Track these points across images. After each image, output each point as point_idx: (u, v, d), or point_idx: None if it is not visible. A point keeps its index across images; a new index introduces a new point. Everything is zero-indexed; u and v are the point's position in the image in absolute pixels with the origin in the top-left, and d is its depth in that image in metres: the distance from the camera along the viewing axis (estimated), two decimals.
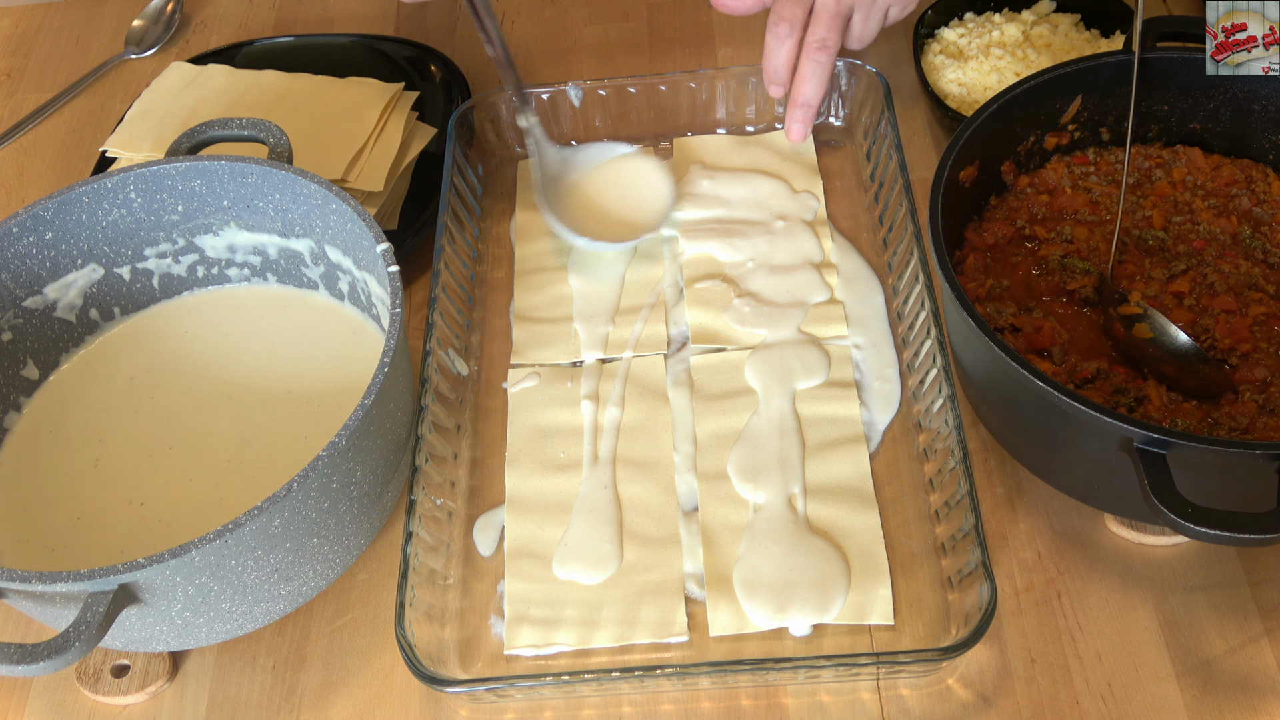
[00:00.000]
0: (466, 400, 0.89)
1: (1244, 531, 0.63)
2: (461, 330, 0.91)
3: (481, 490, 0.85)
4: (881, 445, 0.84)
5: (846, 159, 1.02)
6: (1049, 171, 0.89)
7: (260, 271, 0.91)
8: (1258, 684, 0.73)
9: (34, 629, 0.82)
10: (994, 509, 0.81)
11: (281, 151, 0.85)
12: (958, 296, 0.73)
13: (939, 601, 0.77)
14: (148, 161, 0.85)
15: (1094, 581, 0.78)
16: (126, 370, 0.88)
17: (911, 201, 0.89)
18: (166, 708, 0.78)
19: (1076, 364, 0.78)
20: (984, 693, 0.74)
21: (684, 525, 0.81)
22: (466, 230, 0.97)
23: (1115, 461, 0.68)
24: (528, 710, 0.75)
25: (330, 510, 0.71)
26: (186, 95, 1.04)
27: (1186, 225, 0.85)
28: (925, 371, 0.83)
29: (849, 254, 0.94)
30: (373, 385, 0.71)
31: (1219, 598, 0.76)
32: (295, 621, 0.80)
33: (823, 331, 0.89)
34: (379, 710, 0.76)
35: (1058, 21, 1.04)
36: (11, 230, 0.82)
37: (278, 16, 1.24)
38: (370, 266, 0.83)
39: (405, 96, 1.03)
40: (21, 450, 0.84)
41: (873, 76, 0.99)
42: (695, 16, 1.17)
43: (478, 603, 0.80)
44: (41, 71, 1.22)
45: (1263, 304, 0.79)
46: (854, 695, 0.74)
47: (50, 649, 0.64)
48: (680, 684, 0.74)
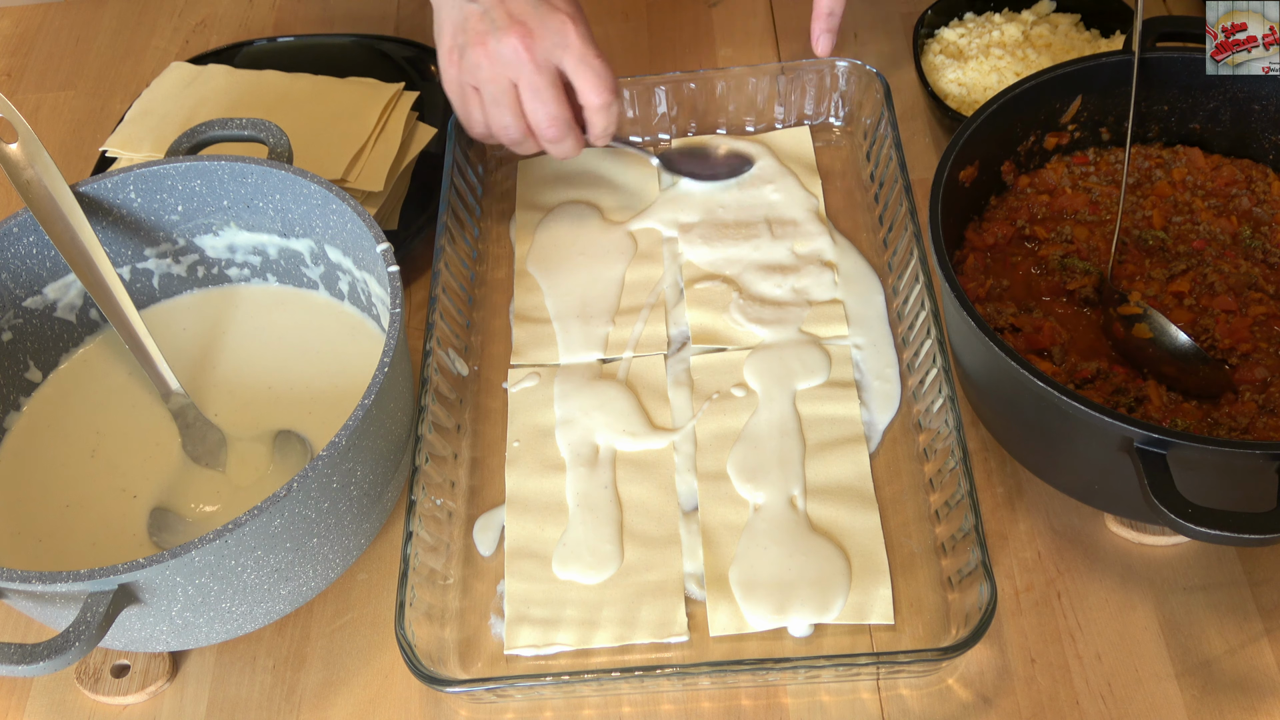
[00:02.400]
0: (466, 400, 0.89)
1: (1244, 531, 0.63)
2: (461, 330, 0.91)
3: (481, 490, 0.85)
4: (881, 445, 0.84)
5: (846, 159, 1.02)
6: (1049, 171, 0.89)
7: (260, 271, 0.91)
8: (1258, 684, 0.73)
9: (34, 629, 0.82)
10: (994, 509, 0.81)
11: (281, 151, 0.85)
12: (958, 296, 0.73)
13: (939, 601, 0.77)
14: (148, 161, 0.85)
15: (1094, 581, 0.78)
16: (125, 367, 0.88)
17: (911, 201, 0.89)
18: (166, 708, 0.78)
19: (1076, 364, 0.78)
20: (984, 693, 0.74)
21: (684, 525, 0.81)
22: (466, 230, 0.97)
23: (1115, 461, 0.68)
24: (528, 710, 0.75)
25: (330, 510, 0.71)
26: (186, 95, 1.04)
27: (1186, 225, 0.85)
28: (925, 371, 0.83)
29: (849, 254, 0.94)
30: (373, 385, 0.71)
31: (1219, 598, 0.76)
32: (295, 621, 0.80)
33: (823, 331, 0.89)
34: (379, 710, 0.76)
35: (1058, 21, 1.04)
36: (11, 230, 0.82)
37: (278, 16, 1.24)
38: (370, 266, 0.83)
39: (405, 96, 1.03)
40: (20, 448, 0.84)
41: (873, 76, 0.99)
42: (695, 16, 1.17)
43: (478, 603, 0.80)
44: (41, 71, 1.22)
45: (1263, 304, 0.79)
46: (854, 695, 0.74)
47: (50, 649, 0.64)
48: (680, 684, 0.74)
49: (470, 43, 0.85)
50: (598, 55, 0.85)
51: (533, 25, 0.83)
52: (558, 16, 0.84)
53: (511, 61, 0.84)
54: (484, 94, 0.87)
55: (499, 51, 0.84)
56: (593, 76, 0.85)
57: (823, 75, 1.01)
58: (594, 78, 0.85)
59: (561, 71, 0.85)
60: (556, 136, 0.87)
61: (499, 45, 0.83)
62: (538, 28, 0.83)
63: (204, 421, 0.83)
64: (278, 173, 0.83)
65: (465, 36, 0.85)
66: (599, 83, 0.85)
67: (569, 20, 0.84)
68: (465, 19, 0.85)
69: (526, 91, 0.85)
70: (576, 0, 0.87)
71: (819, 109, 1.04)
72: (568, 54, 0.84)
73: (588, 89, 0.86)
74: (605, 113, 0.87)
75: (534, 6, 0.84)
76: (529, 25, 0.83)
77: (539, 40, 0.83)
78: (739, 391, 0.87)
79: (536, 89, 0.85)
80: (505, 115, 0.87)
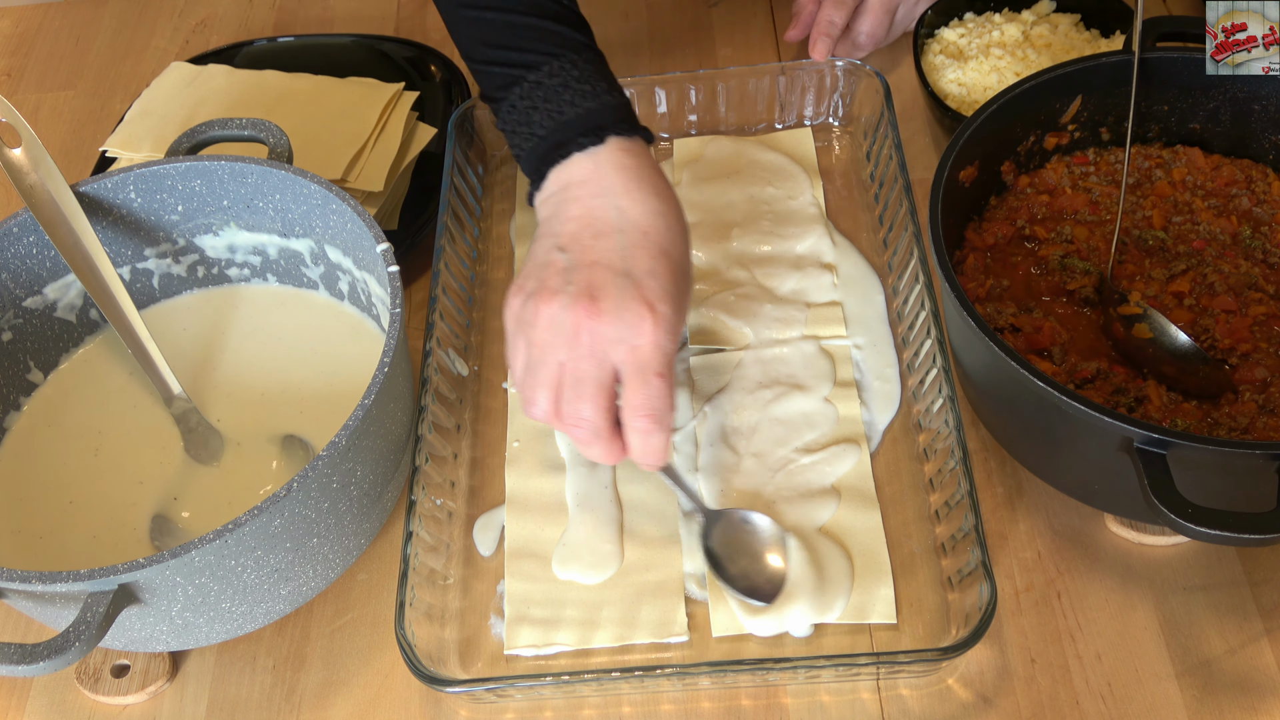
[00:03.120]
0: (466, 400, 0.89)
1: (1244, 531, 0.63)
2: (461, 330, 0.91)
3: (481, 490, 0.85)
4: (881, 445, 0.84)
5: (846, 159, 1.02)
6: (1049, 171, 0.89)
7: (260, 271, 0.91)
8: (1258, 684, 0.73)
9: (34, 629, 0.82)
10: (994, 509, 0.81)
11: (281, 151, 0.85)
12: (958, 296, 0.73)
13: (939, 601, 0.77)
14: (148, 161, 0.85)
15: (1094, 581, 0.78)
16: (126, 367, 0.88)
17: (911, 201, 0.89)
18: (166, 708, 0.78)
19: (1076, 364, 0.78)
20: (984, 693, 0.74)
21: (684, 525, 0.81)
22: (466, 230, 0.97)
23: (1115, 461, 0.68)
24: (528, 710, 0.75)
25: (330, 510, 0.71)
26: (186, 95, 1.04)
27: (1186, 225, 0.85)
28: (925, 371, 0.83)
29: (849, 254, 0.94)
30: (372, 385, 0.71)
31: (1219, 598, 0.76)
32: (295, 621, 0.80)
33: (823, 331, 0.89)
34: (379, 710, 0.76)
35: (1058, 21, 1.04)
36: (11, 230, 0.82)
37: (278, 16, 1.24)
38: (370, 266, 0.83)
39: (405, 96, 1.03)
40: (21, 447, 0.85)
41: (873, 76, 0.99)
42: (695, 16, 1.17)
43: (478, 603, 0.80)
44: (41, 71, 1.22)
45: (1263, 304, 0.79)
46: (854, 695, 0.74)
47: (50, 649, 0.64)
48: (680, 684, 0.74)
49: (539, 293, 0.72)
50: (661, 373, 0.71)
51: (606, 307, 0.70)
52: (638, 309, 0.70)
53: (568, 336, 0.71)
54: (530, 354, 0.74)
55: (560, 319, 0.71)
56: (642, 394, 0.71)
57: (823, 75, 1.01)
58: (644, 397, 0.71)
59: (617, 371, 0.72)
60: (582, 440, 0.73)
61: (562, 313, 0.71)
62: (610, 311, 0.70)
63: (206, 425, 0.83)
64: (278, 173, 0.83)
65: (537, 284, 0.73)
66: (646, 404, 0.71)
67: (649, 317, 0.70)
68: (547, 266, 0.73)
69: (568, 378, 0.72)
70: (676, 297, 0.72)
71: (819, 109, 1.04)
72: (630, 356, 0.71)
73: (630, 408, 0.71)
74: (643, 437, 0.72)
75: (618, 286, 0.71)
76: (601, 306, 0.70)
77: (606, 326, 0.70)
78: (738, 392, 0.87)
79: (579, 380, 0.71)
80: (539, 388, 0.73)
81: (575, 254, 0.73)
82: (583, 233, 0.73)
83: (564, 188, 0.75)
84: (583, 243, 0.73)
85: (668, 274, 0.72)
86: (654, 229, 0.73)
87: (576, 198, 0.74)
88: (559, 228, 0.74)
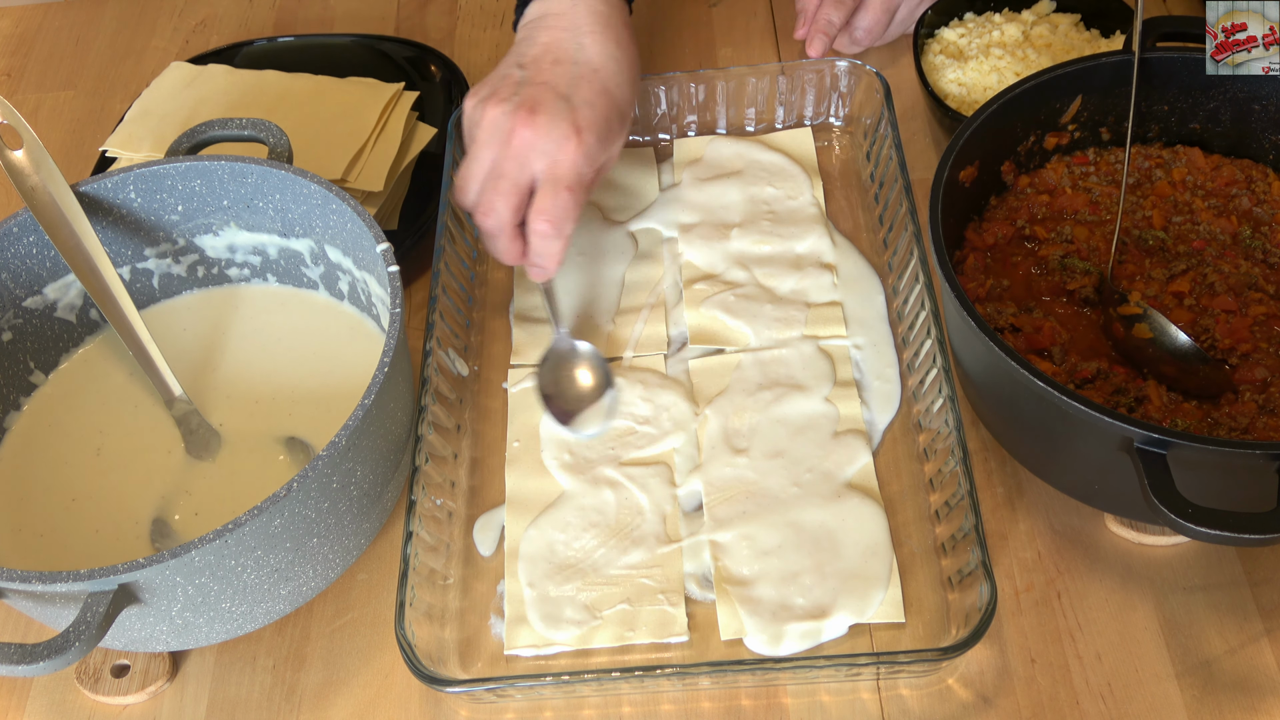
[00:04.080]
0: (466, 400, 0.89)
1: (1244, 531, 0.63)
2: (461, 330, 0.91)
3: (481, 490, 0.85)
4: (882, 445, 0.84)
5: (846, 159, 1.02)
6: (1049, 171, 0.89)
7: (260, 271, 0.91)
8: (1258, 684, 0.73)
9: (34, 629, 0.82)
10: (994, 509, 0.81)
11: (281, 151, 0.85)
12: (958, 296, 0.73)
13: (939, 601, 0.77)
14: (148, 161, 0.85)
15: (1094, 581, 0.78)
16: (126, 367, 0.88)
17: (911, 201, 0.89)
18: (166, 708, 0.78)
19: (1076, 364, 0.78)
20: (984, 693, 0.74)
21: (684, 525, 0.81)
22: (466, 230, 0.97)
23: (1115, 461, 0.68)
24: (528, 710, 0.75)
25: (330, 510, 0.71)
26: (186, 95, 1.04)
27: (1186, 225, 0.85)
28: (925, 371, 0.83)
29: (849, 254, 0.94)
30: (372, 385, 0.71)
31: (1219, 598, 0.76)
32: (295, 621, 0.80)
33: (823, 331, 0.89)
34: (379, 710, 0.76)
35: (1058, 21, 1.04)
36: (11, 230, 0.82)
37: (278, 16, 1.24)
38: (370, 266, 0.83)
39: (405, 96, 1.03)
40: (21, 447, 0.85)
41: (873, 76, 0.99)
42: (695, 16, 1.17)
43: (478, 603, 0.80)
44: (41, 71, 1.22)
45: (1263, 304, 0.79)
46: (854, 695, 0.74)
47: (50, 649, 0.64)
48: (680, 684, 0.74)
49: (490, 99, 0.81)
50: (571, 188, 0.79)
51: (539, 121, 0.79)
52: (566, 129, 0.79)
53: (502, 138, 0.80)
54: (470, 150, 0.83)
55: (499, 123, 0.80)
56: (550, 201, 0.79)
57: (823, 75, 1.01)
58: (550, 203, 0.79)
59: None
60: (490, 230, 0.81)
61: (502, 117, 0.80)
62: (543, 125, 0.79)
63: (206, 427, 0.83)
64: (278, 173, 0.83)
65: (490, 91, 0.82)
66: (551, 211, 0.79)
67: (574, 138, 0.79)
68: (505, 78, 0.83)
69: (493, 173, 0.80)
70: (604, 131, 0.81)
71: (819, 109, 1.04)
72: (549, 168, 0.79)
73: (535, 211, 0.79)
74: (542, 240, 0.80)
75: (556, 106, 0.80)
76: (536, 120, 0.79)
77: (535, 136, 0.79)
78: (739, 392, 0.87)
79: (500, 176, 0.80)
80: (471, 179, 0.82)
81: (531, 72, 0.82)
82: (543, 57, 0.83)
83: (541, 17, 0.86)
84: (541, 66, 0.83)
85: (604, 108, 0.82)
86: (605, 69, 0.83)
87: (548, 27, 0.85)
88: (525, 49, 0.85)
